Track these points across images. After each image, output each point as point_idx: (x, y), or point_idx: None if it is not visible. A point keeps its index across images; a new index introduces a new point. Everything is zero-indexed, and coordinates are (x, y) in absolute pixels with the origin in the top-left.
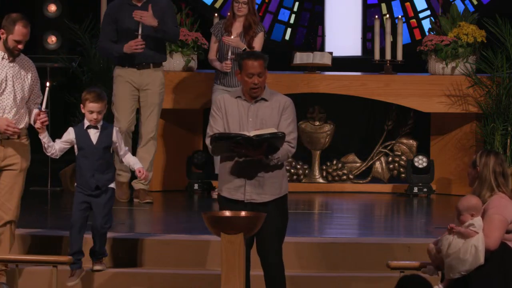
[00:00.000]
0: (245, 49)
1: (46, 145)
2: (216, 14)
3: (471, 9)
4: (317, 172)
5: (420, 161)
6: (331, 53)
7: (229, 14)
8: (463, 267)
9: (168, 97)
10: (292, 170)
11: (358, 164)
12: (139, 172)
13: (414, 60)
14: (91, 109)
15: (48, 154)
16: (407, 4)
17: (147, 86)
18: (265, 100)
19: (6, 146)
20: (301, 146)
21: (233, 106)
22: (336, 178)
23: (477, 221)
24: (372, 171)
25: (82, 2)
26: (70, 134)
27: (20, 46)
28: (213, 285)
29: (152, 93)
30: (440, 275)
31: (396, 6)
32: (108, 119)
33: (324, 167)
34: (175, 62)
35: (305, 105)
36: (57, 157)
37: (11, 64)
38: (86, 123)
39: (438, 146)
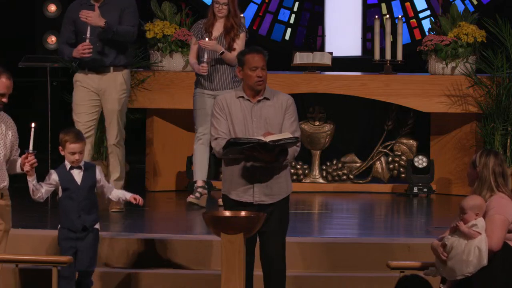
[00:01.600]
0: (223, 52)
1: (34, 188)
2: None
3: (471, 9)
4: (317, 172)
5: (420, 161)
6: (331, 53)
7: (209, 14)
8: (467, 268)
9: (168, 97)
10: (292, 170)
11: (358, 164)
12: (134, 199)
13: (414, 60)
14: (72, 150)
15: (35, 197)
16: (407, 4)
17: (106, 92)
18: (267, 99)
19: None
20: (301, 146)
21: (236, 106)
22: (336, 178)
23: (480, 221)
24: (372, 171)
25: None
26: (53, 177)
27: (4, 100)
28: (213, 285)
29: (111, 100)
30: (441, 276)
31: (396, 6)
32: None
33: (324, 167)
34: (175, 62)
35: (305, 105)
36: (42, 200)
37: None
38: (68, 164)
39: (438, 146)
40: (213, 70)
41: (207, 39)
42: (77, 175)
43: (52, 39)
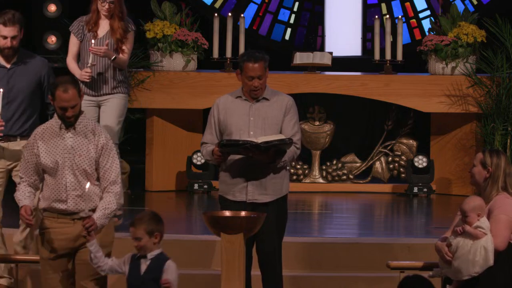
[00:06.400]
0: (115, 57)
1: (92, 255)
2: (216, 14)
3: (471, 9)
4: (317, 172)
5: (420, 161)
6: (331, 53)
7: (91, 12)
8: (473, 268)
9: (168, 97)
10: (292, 170)
11: (358, 164)
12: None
13: (414, 60)
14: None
15: (94, 266)
16: (407, 4)
17: None
18: (267, 99)
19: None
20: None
21: (233, 106)
22: (336, 178)
23: (484, 222)
24: (372, 171)
25: (82, 2)
26: (126, 263)
27: (67, 114)
28: (213, 285)
29: None
30: (445, 277)
31: (396, 6)
32: None
33: (324, 167)
34: (175, 62)
35: (305, 105)
36: (104, 274)
37: (70, 135)
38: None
39: (438, 146)
40: (98, 75)
41: (93, 41)
42: (143, 264)
43: (52, 39)
